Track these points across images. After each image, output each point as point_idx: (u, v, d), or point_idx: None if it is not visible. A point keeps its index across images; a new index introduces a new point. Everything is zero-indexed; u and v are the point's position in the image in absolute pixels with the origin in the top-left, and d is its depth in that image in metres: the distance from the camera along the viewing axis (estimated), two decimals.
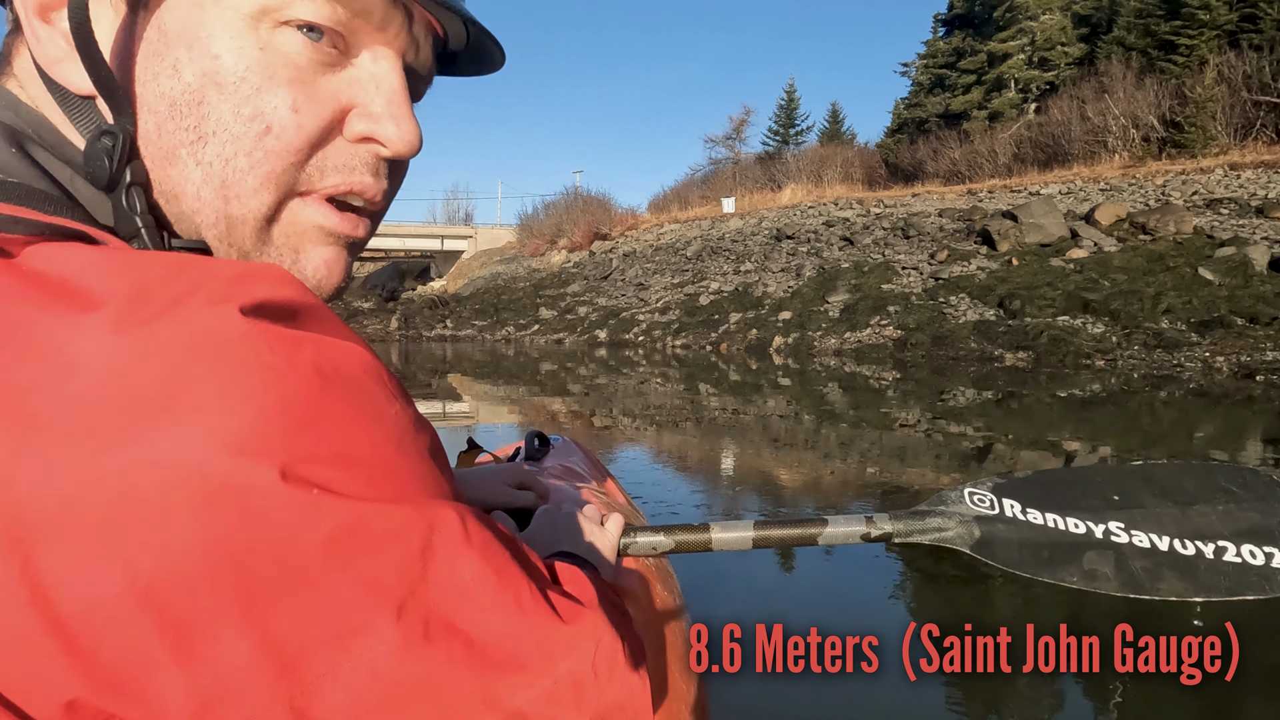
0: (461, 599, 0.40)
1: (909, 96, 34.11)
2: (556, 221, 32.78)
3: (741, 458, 5.44)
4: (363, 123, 0.49)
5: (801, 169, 29.97)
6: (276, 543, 0.35)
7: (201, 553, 0.34)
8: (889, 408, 7.74)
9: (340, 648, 0.36)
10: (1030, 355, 11.85)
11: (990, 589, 2.78)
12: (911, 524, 0.88)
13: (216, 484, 0.34)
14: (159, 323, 0.36)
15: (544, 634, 0.43)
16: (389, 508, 0.38)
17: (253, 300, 0.38)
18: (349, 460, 0.38)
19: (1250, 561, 0.81)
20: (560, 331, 20.50)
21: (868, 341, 14.19)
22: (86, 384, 0.34)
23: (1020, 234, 16.23)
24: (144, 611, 0.33)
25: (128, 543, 0.33)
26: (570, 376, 11.43)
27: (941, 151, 26.52)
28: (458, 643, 0.39)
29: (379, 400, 0.41)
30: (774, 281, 18.74)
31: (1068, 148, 22.01)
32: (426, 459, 0.43)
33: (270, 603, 0.35)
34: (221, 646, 0.34)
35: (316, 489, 0.36)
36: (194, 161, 0.46)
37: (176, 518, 0.34)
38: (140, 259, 0.39)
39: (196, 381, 0.35)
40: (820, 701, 1.99)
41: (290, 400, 0.36)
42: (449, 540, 0.40)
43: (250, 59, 0.45)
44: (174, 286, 0.37)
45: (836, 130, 39.63)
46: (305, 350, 0.38)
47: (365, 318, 25.66)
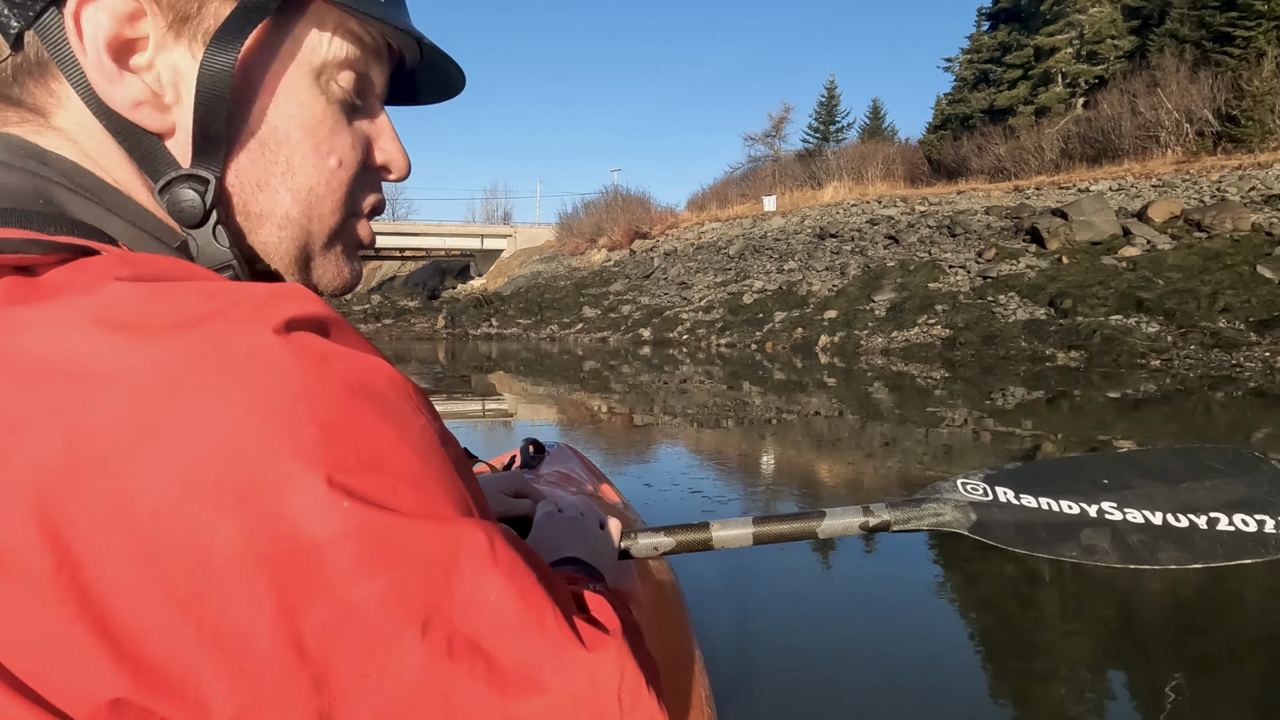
0: (485, 618, 0.40)
1: (952, 92, 33.67)
2: (596, 220, 32.98)
3: (782, 455, 5.47)
4: (381, 155, 0.60)
5: (842, 166, 29.81)
6: (311, 550, 0.36)
7: (240, 559, 0.35)
8: (936, 406, 7.74)
9: (368, 659, 0.37)
10: (1082, 355, 11.75)
11: (995, 586, 2.81)
12: (908, 512, 0.88)
13: (256, 491, 0.36)
14: (194, 343, 0.38)
15: (566, 658, 0.43)
16: (416, 522, 0.39)
17: (282, 319, 0.40)
18: (380, 472, 0.39)
19: (1244, 529, 0.83)
20: (604, 330, 20.70)
21: (915, 340, 14.16)
22: (125, 398, 0.36)
23: (1070, 232, 16.04)
24: (185, 616, 0.35)
25: (171, 549, 0.35)
26: (613, 375, 11.56)
27: (986, 148, 26.18)
28: (480, 661, 0.40)
29: (405, 413, 0.42)
30: (818, 280, 18.73)
31: (1118, 143, 21.61)
32: (453, 474, 0.44)
33: (304, 611, 0.36)
34: (258, 653, 0.36)
35: (349, 499, 0.37)
36: (285, 189, 0.53)
37: (217, 524, 0.35)
38: (171, 285, 0.41)
39: (233, 396, 0.37)
40: (824, 699, 2.00)
41: (323, 413, 0.38)
42: (475, 558, 0.41)
43: (323, 107, 0.54)
44: (206, 308, 0.39)
45: (878, 127, 39.29)
46: (334, 365, 0.40)
47: (412, 316, 26.08)
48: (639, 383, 10.41)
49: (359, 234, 0.60)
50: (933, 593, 2.81)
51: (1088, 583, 2.81)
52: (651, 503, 3.91)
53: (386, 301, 29.71)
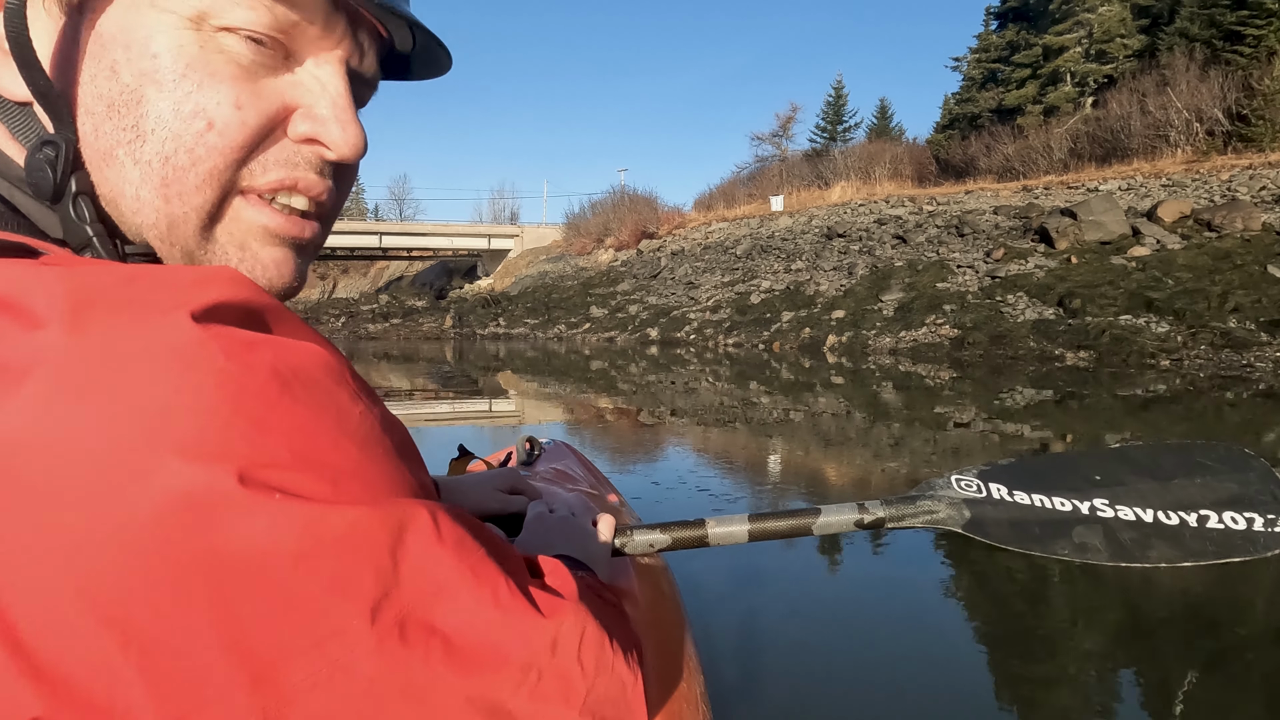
0: (437, 598, 0.39)
1: (960, 91, 33.62)
2: (603, 220, 33.03)
3: (789, 455, 5.47)
4: (306, 124, 0.48)
5: (850, 166, 29.78)
6: (239, 550, 0.34)
7: (162, 566, 0.33)
8: (944, 406, 7.73)
9: (315, 654, 0.36)
10: (1092, 355, 11.72)
11: (988, 585, 2.81)
12: (903, 509, 0.88)
13: (174, 493, 0.33)
14: (105, 334, 0.35)
15: (524, 629, 0.42)
16: (355, 509, 0.37)
17: (204, 304, 0.37)
18: (311, 463, 0.37)
19: (1233, 527, 0.83)
20: (611, 330, 20.73)
21: (923, 340, 14.15)
22: (31, 400, 0.33)
23: (1079, 231, 15.99)
24: (106, 629, 0.33)
25: (87, 561, 0.33)
26: (621, 374, 11.58)
27: (994, 147, 26.13)
28: (436, 642, 0.39)
29: (341, 400, 0.40)
30: (826, 280, 18.72)
31: (1127, 143, 21.54)
32: (394, 458, 0.42)
33: (237, 612, 0.34)
34: (189, 660, 0.34)
35: (278, 493, 0.35)
36: (132, 161, 0.45)
37: (134, 529, 0.33)
38: (84, 271, 0.38)
39: (148, 390, 0.34)
40: (822, 698, 1.99)
41: (247, 404, 0.36)
42: (420, 538, 0.39)
43: (190, 56, 0.44)
44: (120, 295, 0.36)
45: (885, 126, 39.25)
46: (261, 353, 0.38)
47: (420, 316, 26.20)
48: (646, 382, 10.43)
49: (265, 223, 0.49)
50: (934, 591, 2.80)
51: (1096, 581, 2.81)
52: (660, 500, 3.93)
53: (394, 301, 29.85)
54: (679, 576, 1.48)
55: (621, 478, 4.51)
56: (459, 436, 6.22)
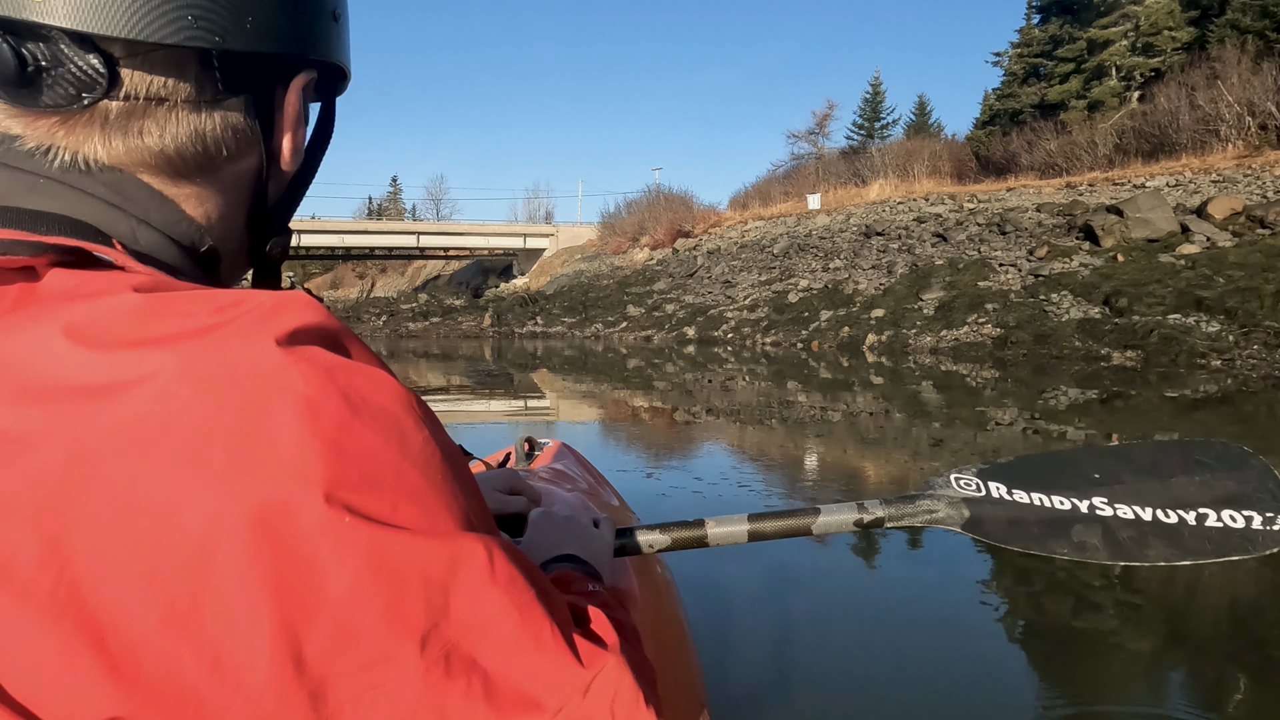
0: (483, 635, 0.40)
1: (1001, 87, 33.13)
2: (638, 219, 33.10)
3: (827, 453, 5.47)
4: None
5: (888, 163, 29.49)
6: (311, 568, 0.37)
7: (240, 578, 0.36)
8: (986, 406, 7.68)
9: (364, 677, 0.37)
10: (1139, 354, 11.52)
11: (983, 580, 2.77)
12: (902, 508, 0.88)
13: (259, 509, 0.36)
14: (197, 356, 0.38)
15: (561, 676, 0.43)
16: (417, 539, 0.39)
17: (286, 330, 0.40)
18: (381, 488, 0.39)
19: (1231, 525, 0.83)
20: (648, 329, 20.81)
21: (965, 339, 14.01)
22: (127, 413, 0.36)
23: (1126, 229, 15.70)
24: (184, 635, 0.35)
25: (170, 567, 0.35)
26: (657, 373, 11.64)
27: (1036, 143, 25.71)
28: (476, 678, 0.40)
29: (408, 428, 0.42)
30: (865, 279, 18.61)
31: (1175, 137, 21.06)
32: (455, 487, 0.43)
33: (303, 629, 0.36)
34: (257, 673, 0.36)
35: (350, 515, 0.37)
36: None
37: (217, 542, 0.35)
38: (174, 295, 0.42)
39: (234, 411, 0.37)
40: (822, 698, 1.97)
41: (325, 428, 0.38)
42: (474, 575, 0.41)
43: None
44: (209, 320, 0.40)
45: (924, 123, 38.83)
46: (338, 379, 0.40)
47: (459, 315, 26.50)
48: (683, 381, 10.48)
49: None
50: (935, 590, 2.74)
51: (1138, 581, 2.75)
52: (701, 494, 3.99)
53: (433, 300, 30.25)
54: (679, 577, 1.47)
55: (661, 474, 4.58)
56: (494, 432, 6.34)
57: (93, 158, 0.47)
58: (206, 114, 0.49)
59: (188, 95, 0.48)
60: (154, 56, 0.46)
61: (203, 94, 0.49)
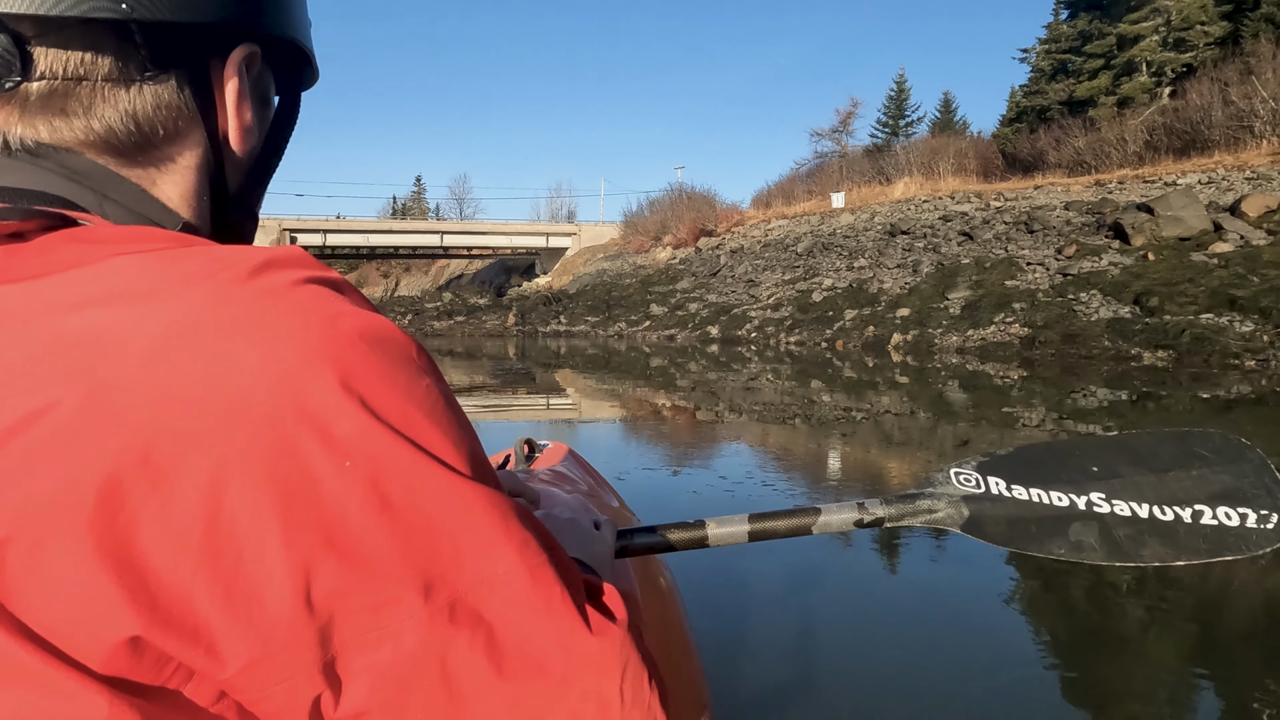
0: (492, 591, 0.40)
1: (1028, 83, 32.74)
2: (661, 218, 33.16)
3: (850, 453, 5.44)
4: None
5: (912, 161, 29.28)
6: (324, 494, 0.37)
7: (254, 508, 0.36)
8: (1013, 406, 7.60)
9: (370, 618, 0.38)
10: (1170, 354, 11.36)
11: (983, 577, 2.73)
12: (903, 508, 0.88)
13: (270, 436, 0.36)
14: (205, 295, 0.39)
15: (570, 642, 0.42)
16: (435, 471, 0.40)
17: (293, 275, 0.41)
18: (401, 403, 0.39)
19: (1226, 523, 0.83)
20: (672, 327, 20.82)
21: (992, 339, 13.89)
22: (143, 349, 0.37)
23: (1157, 227, 15.48)
24: (199, 566, 0.35)
25: (187, 497, 0.35)
26: (680, 372, 11.64)
27: (1064, 140, 25.40)
28: (481, 633, 0.40)
29: (414, 371, 0.42)
30: (890, 278, 18.49)
31: (1208, 134, 20.71)
32: (462, 432, 0.43)
33: (315, 566, 0.36)
34: (269, 607, 0.36)
35: (369, 418, 0.38)
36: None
37: (229, 471, 0.36)
38: (173, 251, 0.42)
39: (248, 338, 0.38)
40: (820, 699, 1.95)
41: (341, 356, 0.38)
42: (485, 529, 0.40)
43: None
44: (211, 268, 0.40)
45: (949, 120, 38.49)
46: (348, 319, 0.40)
47: (484, 314, 26.67)
48: (706, 380, 10.47)
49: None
50: (946, 590, 2.69)
51: (1167, 585, 2.69)
52: (732, 493, 4.02)
53: (457, 299, 30.47)
54: (678, 576, 1.47)
55: (685, 472, 4.61)
56: (496, 431, 6.39)
57: (34, 139, 0.46)
58: (135, 92, 0.47)
59: (110, 73, 0.46)
60: (68, 34, 0.45)
61: (127, 71, 0.47)
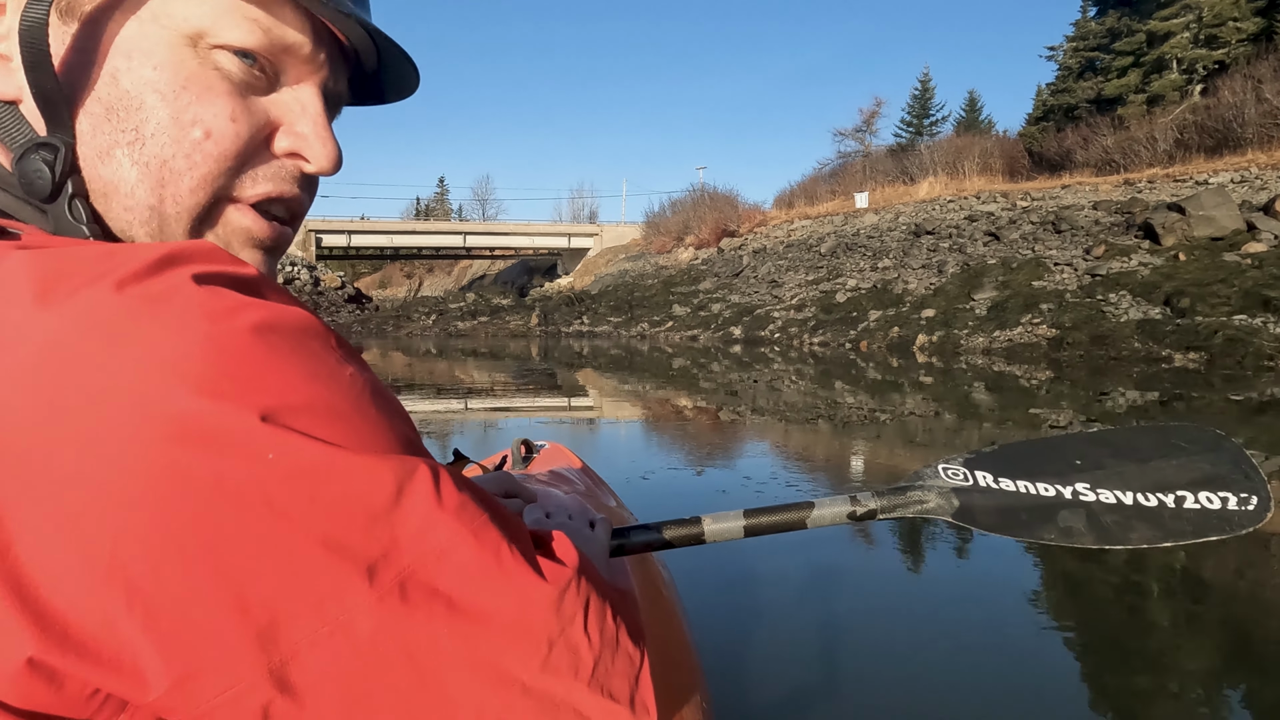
0: (439, 560, 0.39)
1: (1055, 82, 32.38)
2: (683, 219, 33.13)
3: (874, 454, 5.42)
4: (289, 140, 0.52)
5: (937, 161, 29.05)
6: (239, 497, 0.35)
7: (165, 518, 0.34)
8: (1040, 408, 7.52)
9: (316, 614, 0.36)
10: (1202, 356, 11.20)
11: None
12: (894, 499, 0.89)
13: (172, 443, 0.34)
14: (91, 301, 0.36)
15: (527, 590, 0.41)
16: (352, 460, 0.37)
17: (185, 274, 0.38)
18: (306, 410, 0.37)
19: (1209, 506, 0.85)
20: (694, 328, 20.82)
21: (1019, 340, 13.77)
22: (26, 362, 0.34)
23: (1188, 227, 15.26)
24: (111, 583, 0.33)
25: (89, 513, 0.33)
26: (702, 373, 11.63)
27: (1093, 139, 25.09)
28: (439, 605, 0.38)
29: (329, 360, 0.40)
30: (915, 278, 18.37)
31: (1240, 132, 20.37)
32: (387, 418, 0.41)
33: (243, 564, 0.35)
34: (194, 617, 0.34)
35: (274, 437, 0.36)
36: (130, 161, 0.47)
37: (133, 483, 0.34)
38: (63, 249, 0.39)
39: (137, 347, 0.35)
40: (820, 700, 1.93)
41: (235, 357, 0.36)
42: (419, 501, 0.39)
43: (190, 70, 0.47)
44: (98, 268, 0.37)
45: (974, 119, 38.17)
46: (245, 314, 0.38)
47: (507, 314, 26.78)
48: (729, 381, 10.48)
49: (250, 227, 0.52)
50: (960, 588, 2.66)
51: (1198, 590, 2.65)
52: (762, 491, 4.03)
53: (480, 300, 30.65)
54: (676, 576, 1.47)
55: (708, 470, 4.63)
56: (499, 432, 6.44)
57: None
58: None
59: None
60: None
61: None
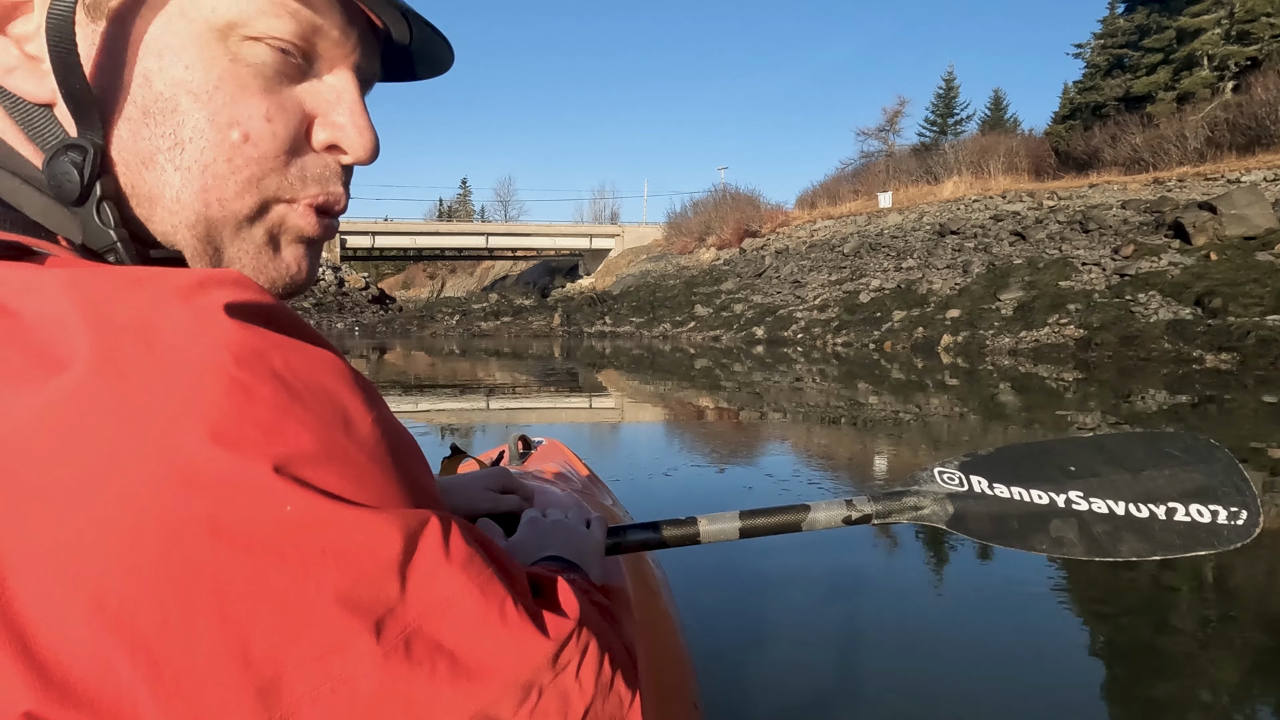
0: (444, 615, 0.39)
1: (1083, 79, 32.00)
2: (705, 219, 33.13)
3: (898, 455, 5.38)
4: (326, 131, 0.50)
5: (961, 160, 28.81)
6: (250, 550, 0.34)
7: (173, 567, 0.33)
8: (1067, 409, 7.43)
9: (319, 668, 0.35)
10: (1235, 357, 11.02)
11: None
12: (889, 505, 0.89)
13: (185, 492, 0.34)
14: (112, 337, 0.35)
15: (527, 647, 0.42)
16: (364, 514, 0.37)
17: (212, 308, 0.37)
18: (320, 466, 0.37)
19: (1199, 520, 0.85)
20: (716, 329, 20.81)
21: (1046, 341, 13.63)
22: (40, 406, 0.34)
23: (1219, 226, 15.02)
24: (114, 631, 0.33)
25: (94, 559, 0.33)
26: (724, 373, 11.61)
27: (1121, 137, 24.76)
28: (442, 660, 0.38)
29: (348, 406, 0.40)
30: (939, 278, 18.24)
31: (1273, 129, 20.02)
32: (404, 467, 0.41)
33: (248, 618, 0.34)
34: (199, 668, 0.34)
35: (289, 491, 0.35)
36: (172, 166, 0.46)
37: (144, 530, 0.33)
38: (89, 275, 0.38)
39: (157, 392, 0.34)
40: (818, 699, 1.92)
41: (256, 409, 0.36)
42: (428, 555, 0.39)
43: (222, 69, 0.45)
44: (127, 299, 0.37)
45: (999, 118, 37.81)
46: (269, 358, 0.37)
47: (529, 314, 26.92)
48: (751, 381, 10.46)
49: (293, 224, 0.51)
50: (938, 587, 2.65)
51: (1227, 597, 2.61)
52: (787, 489, 4.04)
53: (504, 300, 30.81)
54: (672, 576, 1.46)
55: (728, 468, 4.65)
56: (498, 431, 6.48)
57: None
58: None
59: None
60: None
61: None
